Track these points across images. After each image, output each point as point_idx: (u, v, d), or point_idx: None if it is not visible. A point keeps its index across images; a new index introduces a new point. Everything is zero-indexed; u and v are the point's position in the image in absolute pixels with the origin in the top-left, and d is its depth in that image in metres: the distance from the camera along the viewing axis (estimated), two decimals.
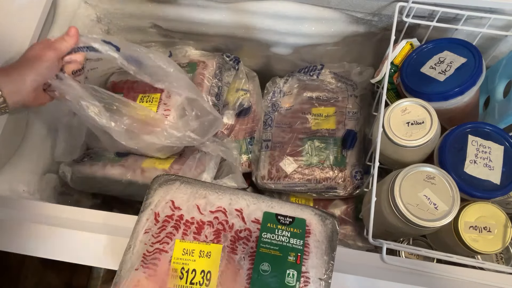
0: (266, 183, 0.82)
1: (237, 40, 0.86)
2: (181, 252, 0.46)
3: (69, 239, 0.56)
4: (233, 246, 0.47)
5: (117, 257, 0.54)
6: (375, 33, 0.78)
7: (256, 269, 0.45)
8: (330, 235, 0.48)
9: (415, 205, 0.54)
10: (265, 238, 0.47)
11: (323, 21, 0.77)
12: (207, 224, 0.48)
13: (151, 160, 0.74)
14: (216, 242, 0.47)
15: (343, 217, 0.82)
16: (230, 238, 0.47)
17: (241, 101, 0.88)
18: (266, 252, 0.46)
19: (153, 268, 0.45)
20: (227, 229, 0.48)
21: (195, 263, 0.45)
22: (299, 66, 0.92)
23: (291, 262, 0.45)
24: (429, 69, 0.63)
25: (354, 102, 0.84)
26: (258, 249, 0.46)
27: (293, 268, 0.45)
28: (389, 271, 0.53)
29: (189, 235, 0.47)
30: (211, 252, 0.46)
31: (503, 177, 0.56)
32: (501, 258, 0.67)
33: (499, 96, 0.65)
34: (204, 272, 0.45)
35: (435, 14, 0.66)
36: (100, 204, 0.93)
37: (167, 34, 0.90)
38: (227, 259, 0.46)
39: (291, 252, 0.46)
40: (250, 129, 0.90)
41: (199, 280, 0.44)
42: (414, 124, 0.59)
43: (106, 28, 0.88)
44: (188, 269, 0.45)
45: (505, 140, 0.57)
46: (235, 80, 0.90)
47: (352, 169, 0.78)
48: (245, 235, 0.47)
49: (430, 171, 0.56)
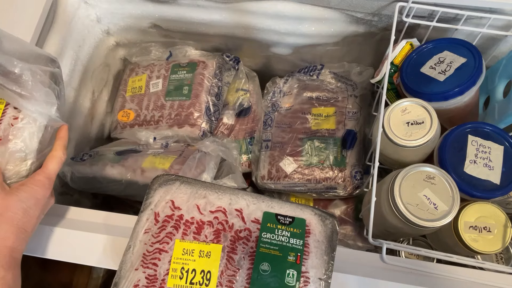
0: (266, 183, 0.82)
1: (237, 40, 0.86)
2: (181, 252, 0.46)
3: (69, 239, 0.56)
4: (233, 246, 0.47)
5: (117, 257, 0.54)
6: (375, 33, 0.78)
7: (256, 269, 0.45)
8: (330, 235, 0.48)
9: (415, 205, 0.54)
10: (265, 238, 0.47)
11: (323, 21, 0.77)
12: (207, 224, 0.48)
13: (151, 160, 0.74)
14: (216, 242, 0.47)
15: (343, 217, 0.82)
16: (230, 238, 0.47)
17: (241, 101, 0.88)
18: (266, 252, 0.46)
19: (153, 268, 0.45)
20: (227, 229, 0.47)
21: (195, 263, 0.45)
22: (299, 66, 0.92)
23: (291, 262, 0.45)
24: (429, 69, 0.63)
25: (354, 102, 0.84)
26: (258, 249, 0.46)
27: (293, 268, 0.45)
28: (389, 271, 0.53)
29: (189, 235, 0.47)
30: (211, 252, 0.46)
31: (503, 177, 0.56)
32: (501, 258, 0.67)
33: (499, 96, 0.65)
34: (204, 272, 0.45)
35: (435, 14, 0.66)
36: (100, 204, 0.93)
37: (167, 34, 0.90)
38: (227, 259, 0.46)
39: (291, 252, 0.46)
40: (250, 129, 0.90)
41: (199, 280, 0.44)
42: (414, 124, 0.59)
43: (106, 28, 0.88)
44: (188, 269, 0.45)
45: (505, 140, 0.57)
46: (235, 80, 0.90)
47: (352, 169, 0.78)
48: (245, 235, 0.47)
49: (430, 171, 0.56)
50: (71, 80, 0.79)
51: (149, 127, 0.83)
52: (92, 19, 0.84)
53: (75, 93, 0.81)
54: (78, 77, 0.81)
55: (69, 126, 0.81)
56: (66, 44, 0.76)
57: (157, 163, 0.72)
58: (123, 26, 0.88)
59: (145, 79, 0.89)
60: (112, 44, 0.94)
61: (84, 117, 0.86)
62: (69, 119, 0.81)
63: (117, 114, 0.89)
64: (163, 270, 0.45)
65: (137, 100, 0.88)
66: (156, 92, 0.86)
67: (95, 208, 0.60)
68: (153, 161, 0.73)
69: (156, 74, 0.88)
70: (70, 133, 0.82)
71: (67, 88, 0.78)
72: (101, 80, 0.91)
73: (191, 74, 0.84)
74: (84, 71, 0.83)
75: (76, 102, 0.82)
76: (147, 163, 0.73)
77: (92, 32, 0.85)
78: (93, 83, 0.88)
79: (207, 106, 0.81)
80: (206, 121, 0.80)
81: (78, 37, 0.80)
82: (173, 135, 0.82)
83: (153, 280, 0.45)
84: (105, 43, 0.91)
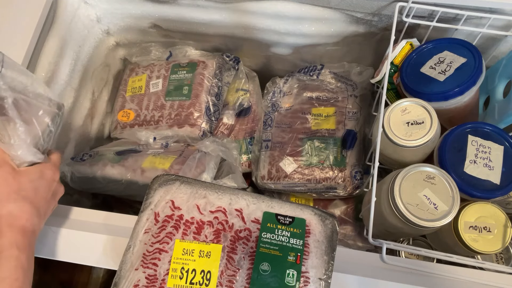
0: (266, 183, 0.82)
1: (237, 40, 0.86)
2: (181, 252, 0.46)
3: (69, 239, 0.56)
4: (233, 246, 0.47)
5: (117, 257, 0.54)
6: (375, 33, 0.78)
7: (256, 269, 0.45)
8: (330, 235, 0.48)
9: (415, 205, 0.54)
10: (265, 238, 0.47)
11: (323, 21, 0.77)
12: (207, 224, 0.48)
13: (151, 160, 0.74)
14: (216, 242, 0.47)
15: (343, 217, 0.82)
16: (230, 238, 0.47)
17: (241, 101, 0.88)
18: (266, 252, 0.46)
19: (153, 268, 0.45)
20: (227, 229, 0.48)
21: (195, 263, 0.45)
22: (299, 66, 0.92)
23: (291, 262, 0.45)
24: (429, 69, 0.63)
25: (354, 102, 0.84)
26: (258, 249, 0.46)
27: (293, 268, 0.45)
28: (389, 271, 0.53)
29: (189, 235, 0.47)
30: (211, 252, 0.46)
31: (503, 177, 0.56)
32: (501, 258, 0.67)
33: (499, 96, 0.65)
34: (204, 272, 0.45)
35: (435, 14, 0.66)
36: (100, 204, 0.93)
37: (167, 34, 0.90)
38: (227, 259, 0.46)
39: (291, 252, 0.46)
40: (250, 129, 0.90)
41: (199, 280, 0.45)
42: (414, 124, 0.59)
43: (106, 28, 0.88)
44: (188, 269, 0.45)
45: (505, 140, 0.57)
46: (235, 80, 0.90)
47: (352, 169, 0.78)
48: (245, 235, 0.47)
49: (430, 171, 0.56)
50: (71, 80, 0.79)
51: (149, 127, 0.83)
52: (92, 19, 0.84)
53: (75, 93, 0.81)
54: (78, 77, 0.81)
55: (69, 126, 0.81)
56: (66, 44, 0.76)
57: (157, 163, 0.72)
58: (123, 26, 0.88)
59: (145, 79, 0.89)
60: (112, 44, 0.94)
61: (84, 117, 0.86)
62: (69, 119, 0.81)
63: (117, 114, 0.89)
64: (163, 270, 0.45)
65: (137, 100, 0.88)
66: (156, 92, 0.86)
67: (95, 208, 0.60)
68: (153, 161, 0.73)
69: (156, 74, 0.88)
70: (70, 133, 0.82)
71: (67, 88, 0.78)
72: (101, 80, 0.91)
73: (191, 74, 0.84)
74: (84, 71, 0.83)
75: (76, 102, 0.82)
76: (147, 163, 0.73)
77: (92, 32, 0.85)
78: (93, 83, 0.88)
79: (207, 106, 0.81)
80: (206, 121, 0.80)
81: (78, 37, 0.80)
82: (173, 135, 0.82)
83: (153, 280, 0.45)
84: (105, 43, 0.91)
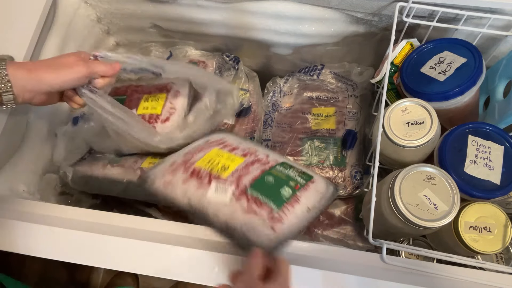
0: None
1: (237, 40, 0.86)
2: (215, 153, 0.59)
3: (69, 239, 0.56)
4: (253, 163, 0.56)
5: (117, 257, 0.54)
6: (375, 33, 0.78)
7: (262, 177, 0.54)
8: (328, 195, 0.55)
9: (415, 205, 0.54)
10: (279, 168, 0.56)
11: (323, 21, 0.77)
12: (240, 150, 0.60)
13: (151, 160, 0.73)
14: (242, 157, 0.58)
15: (343, 217, 0.82)
16: (253, 159, 0.57)
17: (241, 101, 0.88)
18: (275, 174, 0.55)
19: (189, 157, 0.59)
20: (253, 156, 0.58)
21: (221, 160, 0.57)
22: (299, 66, 0.92)
23: (291, 186, 0.53)
24: (429, 69, 0.63)
25: (354, 102, 0.84)
26: (270, 170, 0.55)
27: (290, 189, 0.52)
28: (389, 271, 0.53)
29: (226, 149, 0.60)
30: (235, 160, 0.57)
31: (503, 177, 0.56)
32: (501, 258, 0.67)
33: (499, 96, 0.65)
34: (224, 166, 0.56)
35: (435, 14, 0.66)
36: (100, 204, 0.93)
37: (167, 34, 0.90)
38: (244, 166, 0.56)
39: (293, 182, 0.54)
40: (250, 129, 0.90)
41: (218, 168, 0.55)
42: (414, 124, 0.59)
43: (106, 28, 0.88)
44: (214, 161, 0.57)
45: (505, 140, 0.57)
46: (235, 80, 0.90)
47: (352, 169, 0.78)
48: (265, 162, 0.57)
49: (430, 171, 0.56)
50: None
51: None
52: (92, 19, 0.84)
53: None
54: None
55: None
56: (66, 44, 0.76)
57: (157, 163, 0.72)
58: (123, 26, 0.88)
59: None
60: (112, 44, 0.94)
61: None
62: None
63: None
64: (197, 158, 0.58)
65: None
66: None
67: (95, 208, 0.60)
68: (153, 161, 0.73)
69: None
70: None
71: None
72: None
73: None
74: None
75: None
76: (147, 163, 0.73)
77: (92, 32, 0.85)
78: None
79: None
80: None
81: (78, 37, 0.80)
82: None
83: (185, 162, 0.58)
84: (105, 43, 0.91)
